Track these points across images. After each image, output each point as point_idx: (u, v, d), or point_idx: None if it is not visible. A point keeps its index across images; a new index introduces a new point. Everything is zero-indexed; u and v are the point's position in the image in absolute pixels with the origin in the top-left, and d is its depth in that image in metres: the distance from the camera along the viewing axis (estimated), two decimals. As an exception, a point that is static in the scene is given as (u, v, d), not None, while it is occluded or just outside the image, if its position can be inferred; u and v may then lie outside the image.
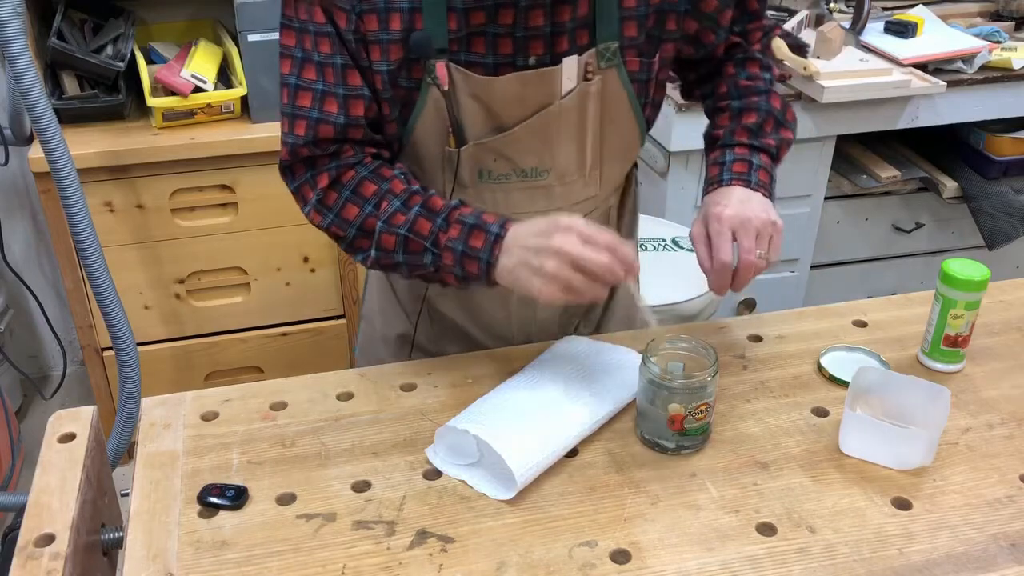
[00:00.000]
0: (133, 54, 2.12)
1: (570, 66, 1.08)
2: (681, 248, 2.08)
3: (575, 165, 1.16)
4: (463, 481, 1.00)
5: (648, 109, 1.19)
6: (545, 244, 0.98)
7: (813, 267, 2.52)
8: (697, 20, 1.15)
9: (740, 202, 1.11)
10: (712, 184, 1.17)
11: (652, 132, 2.24)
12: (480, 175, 1.13)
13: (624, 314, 1.40)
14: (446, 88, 1.05)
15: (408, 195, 1.07)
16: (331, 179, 1.09)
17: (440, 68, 1.04)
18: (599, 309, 1.37)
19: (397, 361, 1.26)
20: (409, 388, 1.16)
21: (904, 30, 2.37)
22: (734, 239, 1.09)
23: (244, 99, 2.14)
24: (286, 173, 1.12)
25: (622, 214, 1.33)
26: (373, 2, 1.02)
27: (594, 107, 1.12)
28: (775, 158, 1.20)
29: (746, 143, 1.18)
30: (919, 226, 2.57)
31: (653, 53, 1.13)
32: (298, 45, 1.06)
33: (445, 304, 1.28)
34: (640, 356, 1.05)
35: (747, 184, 1.14)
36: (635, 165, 1.32)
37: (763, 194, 1.14)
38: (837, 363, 1.19)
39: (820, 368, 1.18)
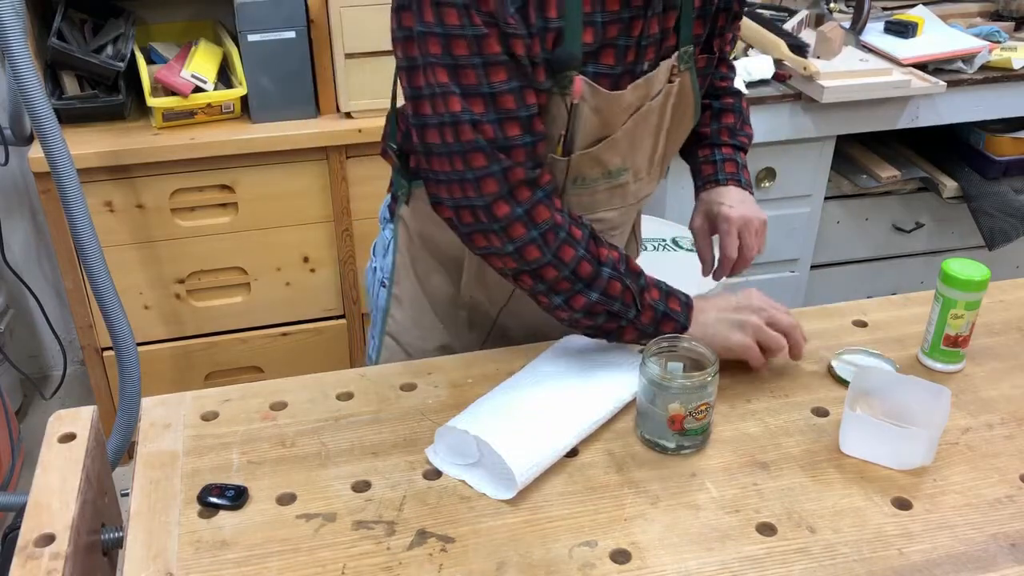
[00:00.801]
0: (133, 54, 2.12)
1: (664, 69, 1.11)
2: (681, 248, 2.08)
3: (648, 162, 1.19)
4: (463, 481, 1.00)
5: (700, 103, 1.22)
6: (747, 304, 1.14)
7: (813, 267, 2.52)
8: (727, 14, 1.18)
9: (741, 203, 1.25)
10: (709, 182, 1.30)
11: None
12: (575, 181, 1.13)
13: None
14: (577, 100, 1.05)
15: (605, 245, 1.10)
16: (551, 213, 1.05)
17: (578, 82, 1.03)
18: None
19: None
20: (409, 388, 1.16)
21: (904, 30, 2.37)
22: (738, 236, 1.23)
23: (244, 99, 2.14)
24: (491, 212, 1.04)
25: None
26: (534, 25, 0.98)
27: (671, 107, 1.15)
28: (746, 152, 1.34)
29: (729, 143, 1.31)
30: (919, 226, 2.57)
31: (712, 48, 1.18)
32: (454, 80, 0.98)
33: (487, 303, 1.29)
34: (640, 356, 1.05)
35: (739, 184, 1.29)
36: None
37: (750, 192, 1.29)
38: (847, 366, 1.18)
39: (830, 369, 1.18)
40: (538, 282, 1.08)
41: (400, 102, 1.13)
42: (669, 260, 2.04)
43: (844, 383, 1.16)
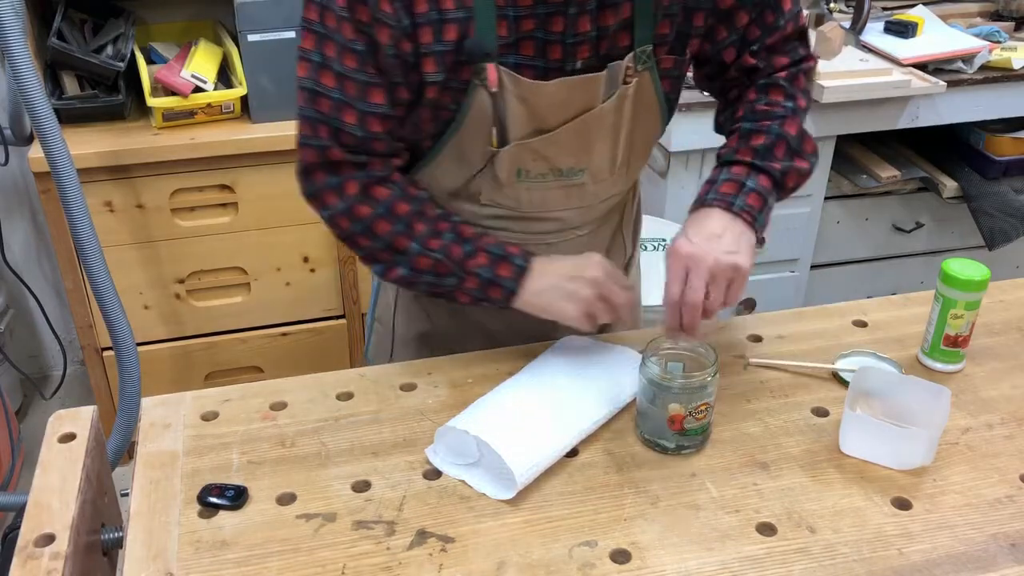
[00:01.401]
0: (133, 54, 2.12)
1: (612, 71, 1.09)
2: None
3: (608, 163, 1.17)
4: (463, 481, 1.00)
5: (673, 104, 1.21)
6: (582, 274, 1.11)
7: (813, 267, 2.52)
8: (715, 16, 1.15)
9: (707, 238, 1.06)
10: (697, 203, 1.12)
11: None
12: (518, 174, 1.14)
13: (633, 306, 1.41)
14: (495, 90, 1.06)
15: (436, 219, 1.13)
16: (360, 188, 1.10)
17: (491, 70, 1.05)
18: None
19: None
20: (409, 388, 1.16)
21: (904, 30, 2.37)
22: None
23: (244, 99, 2.14)
24: (305, 176, 1.12)
25: (632, 210, 1.37)
26: (426, 15, 1.01)
27: (629, 108, 1.13)
28: (779, 185, 1.13)
29: (747, 162, 1.12)
30: (919, 226, 2.57)
31: (683, 50, 1.15)
32: (317, 50, 1.04)
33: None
34: (640, 356, 1.05)
35: (729, 208, 1.08)
36: None
37: (745, 221, 1.08)
38: (850, 367, 1.18)
39: (836, 374, 1.18)
40: (357, 249, 1.15)
41: None
42: (669, 260, 2.03)
43: (845, 383, 1.16)
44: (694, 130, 2.11)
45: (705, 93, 1.30)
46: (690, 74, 1.24)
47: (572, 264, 1.12)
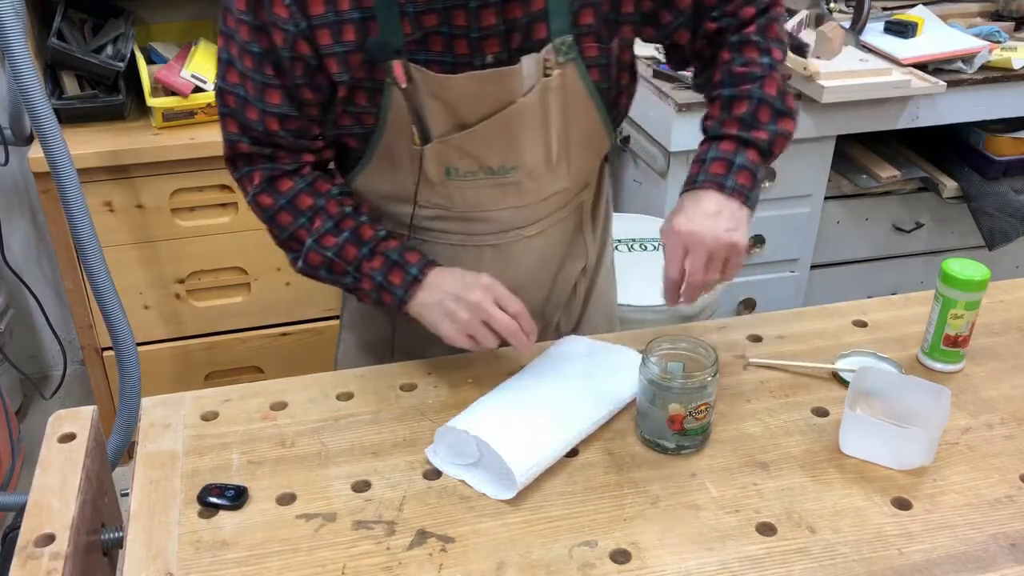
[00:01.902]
0: (133, 54, 2.12)
1: (528, 64, 1.07)
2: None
3: (542, 160, 1.15)
4: (463, 481, 1.00)
5: (614, 94, 1.17)
6: (464, 295, 1.09)
7: (813, 267, 2.52)
8: (652, 1, 1.12)
9: (704, 216, 1.07)
10: (688, 183, 1.12)
11: (652, 132, 2.25)
12: (447, 172, 1.14)
13: (605, 312, 1.40)
14: (404, 86, 1.06)
15: (341, 217, 1.15)
16: (263, 179, 1.15)
17: (397, 67, 1.05)
18: (579, 306, 1.37)
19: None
20: (409, 388, 1.16)
21: (904, 30, 2.37)
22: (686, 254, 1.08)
23: (244, 99, 2.13)
24: (228, 166, 1.19)
25: (596, 211, 1.33)
26: (323, 17, 1.03)
27: (556, 102, 1.11)
28: (766, 153, 1.12)
29: (734, 135, 1.11)
30: (919, 226, 2.57)
31: (611, 38, 1.12)
32: (226, 48, 1.09)
33: None
34: (640, 356, 1.05)
35: (721, 188, 1.08)
36: (606, 159, 1.31)
37: (739, 200, 1.08)
38: (850, 367, 1.18)
39: (836, 374, 1.18)
40: (273, 238, 1.20)
41: None
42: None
43: (845, 383, 1.16)
44: (694, 130, 2.09)
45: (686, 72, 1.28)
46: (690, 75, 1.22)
47: (461, 283, 1.11)
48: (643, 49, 2.27)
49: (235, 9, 1.05)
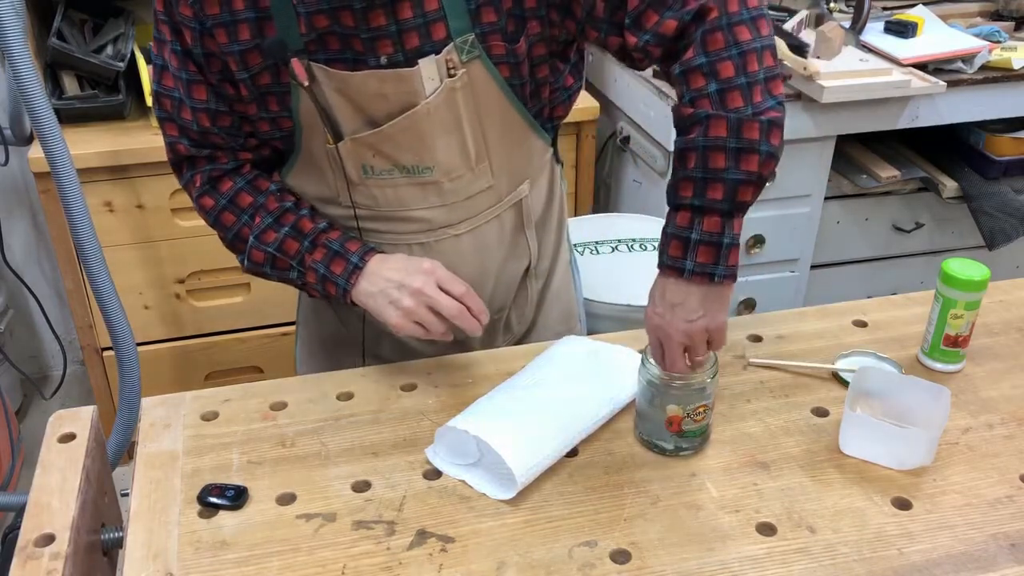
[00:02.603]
0: (133, 54, 2.12)
1: (428, 66, 1.06)
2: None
3: (459, 160, 1.14)
4: (463, 481, 1.00)
5: (531, 88, 1.13)
6: (406, 282, 1.09)
7: (813, 267, 2.51)
8: None
9: (669, 307, 1.00)
10: (658, 260, 1.03)
11: (652, 132, 2.25)
12: (364, 171, 1.13)
13: (563, 312, 1.39)
14: (306, 84, 1.06)
15: (281, 212, 1.16)
16: (203, 182, 1.17)
17: (296, 65, 1.05)
18: (532, 306, 1.35)
19: (336, 364, 1.26)
20: (409, 388, 1.16)
21: (904, 30, 2.36)
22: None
23: (244, 99, 2.13)
24: (175, 173, 1.21)
25: (547, 212, 1.29)
26: (218, 17, 1.05)
27: (465, 101, 1.10)
28: (728, 211, 0.98)
29: (688, 203, 0.99)
30: (919, 226, 2.57)
31: (518, 33, 1.08)
32: (159, 54, 1.12)
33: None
34: (640, 356, 1.05)
35: (680, 274, 0.99)
36: (556, 157, 1.29)
37: (704, 283, 0.98)
38: (850, 367, 1.18)
39: (836, 374, 1.18)
40: (222, 242, 1.22)
41: None
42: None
43: (845, 383, 1.16)
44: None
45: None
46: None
47: (402, 269, 1.11)
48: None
49: (156, 11, 1.08)
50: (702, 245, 0.98)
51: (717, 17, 0.98)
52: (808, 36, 2.31)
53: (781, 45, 2.22)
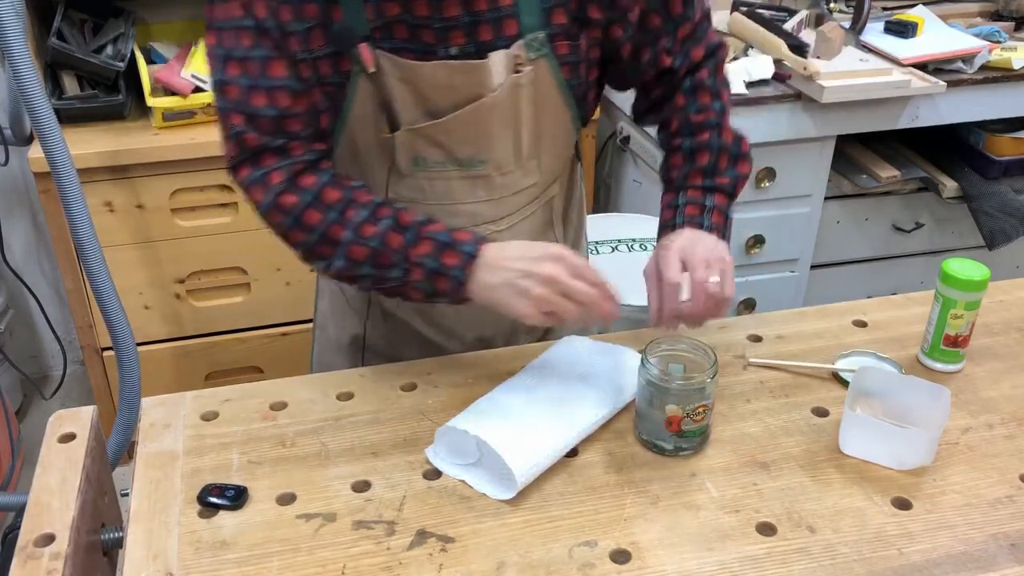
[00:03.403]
0: (133, 54, 2.12)
1: (497, 60, 1.07)
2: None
3: (512, 155, 1.15)
4: (463, 481, 1.00)
5: (583, 91, 1.16)
6: (535, 269, 1.01)
7: (813, 267, 2.52)
8: (607, 10, 1.11)
9: (689, 239, 1.10)
10: (665, 228, 1.17)
11: (652, 132, 2.25)
12: (416, 163, 1.12)
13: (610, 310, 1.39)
14: (372, 71, 1.05)
15: (375, 206, 1.07)
16: (285, 179, 1.07)
17: (364, 51, 1.04)
18: None
19: (351, 367, 1.26)
20: (409, 388, 1.16)
21: (904, 30, 2.37)
22: (684, 269, 1.07)
23: (244, 99, 2.13)
24: (234, 174, 1.10)
25: (568, 210, 1.32)
26: None
27: (527, 98, 1.11)
28: (731, 195, 1.18)
29: (700, 185, 1.17)
30: (919, 226, 2.57)
31: (579, 35, 1.11)
32: (218, 44, 1.05)
33: (393, 303, 1.27)
34: (640, 356, 1.05)
35: (699, 227, 1.13)
36: (579, 158, 1.31)
37: (716, 236, 1.12)
38: (850, 367, 1.18)
39: (836, 374, 1.18)
40: (295, 247, 1.10)
41: None
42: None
43: (845, 383, 1.16)
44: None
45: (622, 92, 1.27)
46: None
47: (528, 256, 1.03)
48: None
49: None
50: (714, 211, 1.16)
51: (724, 54, 1.22)
52: (808, 36, 2.31)
53: (781, 45, 2.23)
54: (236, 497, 0.97)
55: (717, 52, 1.21)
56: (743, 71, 2.21)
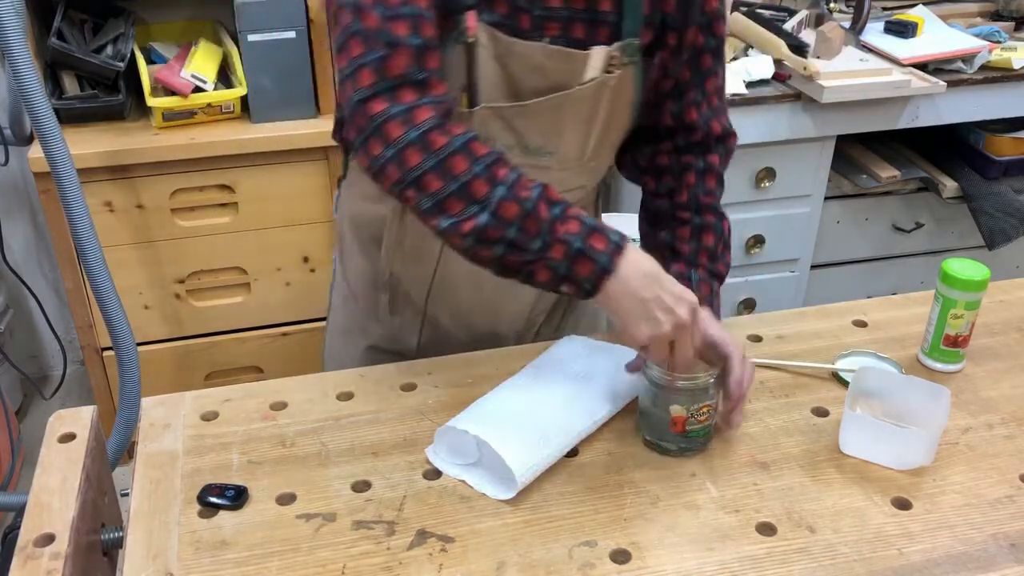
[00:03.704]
0: (133, 54, 2.12)
1: (596, 55, 1.08)
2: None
3: (576, 153, 1.15)
4: (463, 481, 1.00)
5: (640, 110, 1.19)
6: (676, 308, 0.97)
7: (813, 267, 2.52)
8: (677, 41, 1.14)
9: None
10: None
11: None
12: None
13: (589, 320, 1.40)
14: (472, 39, 1.04)
15: (521, 174, 0.99)
16: (435, 116, 0.97)
17: (471, 18, 1.03)
18: (562, 311, 1.37)
19: (359, 353, 1.27)
20: (409, 388, 1.16)
21: (904, 30, 2.37)
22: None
23: (244, 99, 2.13)
24: (360, 110, 0.97)
25: (595, 208, 1.34)
26: None
27: (607, 100, 1.12)
28: (722, 282, 1.23)
29: (706, 267, 1.20)
30: (919, 226, 2.57)
31: (654, 54, 1.14)
32: None
33: (411, 284, 1.26)
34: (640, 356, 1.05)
35: (708, 306, 1.09)
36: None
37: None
38: (850, 367, 1.18)
39: (836, 374, 1.18)
40: (423, 196, 0.97)
41: None
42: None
43: (845, 383, 1.16)
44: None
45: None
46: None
47: (671, 291, 0.98)
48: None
49: None
50: (716, 296, 1.20)
51: (734, 145, 1.25)
52: (808, 36, 2.31)
53: (781, 45, 2.23)
54: (236, 497, 0.97)
55: (729, 140, 1.23)
56: (743, 71, 2.21)
